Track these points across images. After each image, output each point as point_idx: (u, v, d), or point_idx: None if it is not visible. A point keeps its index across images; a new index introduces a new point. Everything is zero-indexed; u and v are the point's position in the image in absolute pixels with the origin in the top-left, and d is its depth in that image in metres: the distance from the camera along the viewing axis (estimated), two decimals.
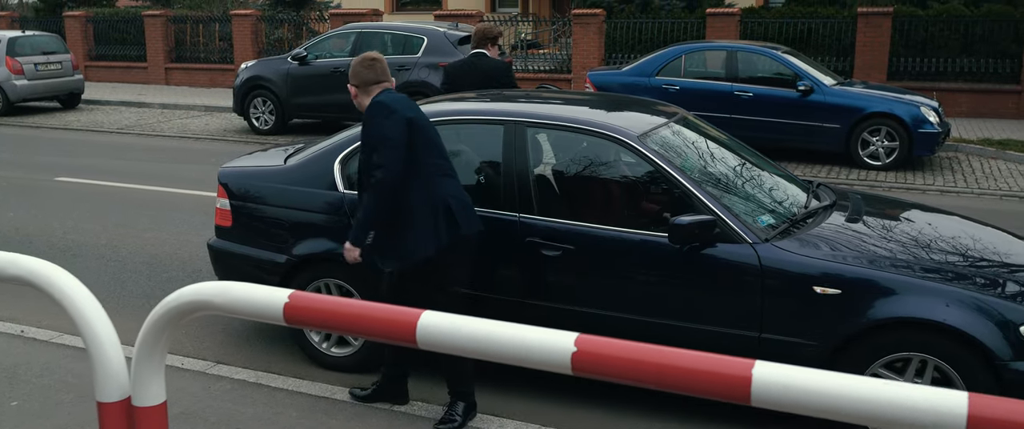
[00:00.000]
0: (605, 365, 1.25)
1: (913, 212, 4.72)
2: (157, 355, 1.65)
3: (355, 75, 3.91)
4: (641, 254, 3.93)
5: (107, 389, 1.66)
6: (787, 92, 10.61)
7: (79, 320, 1.67)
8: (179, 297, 1.61)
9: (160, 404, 1.68)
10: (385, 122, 3.74)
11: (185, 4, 23.84)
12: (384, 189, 3.70)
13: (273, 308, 1.48)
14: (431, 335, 1.36)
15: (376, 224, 3.81)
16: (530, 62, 17.83)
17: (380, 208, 3.75)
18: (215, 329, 5.15)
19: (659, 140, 4.20)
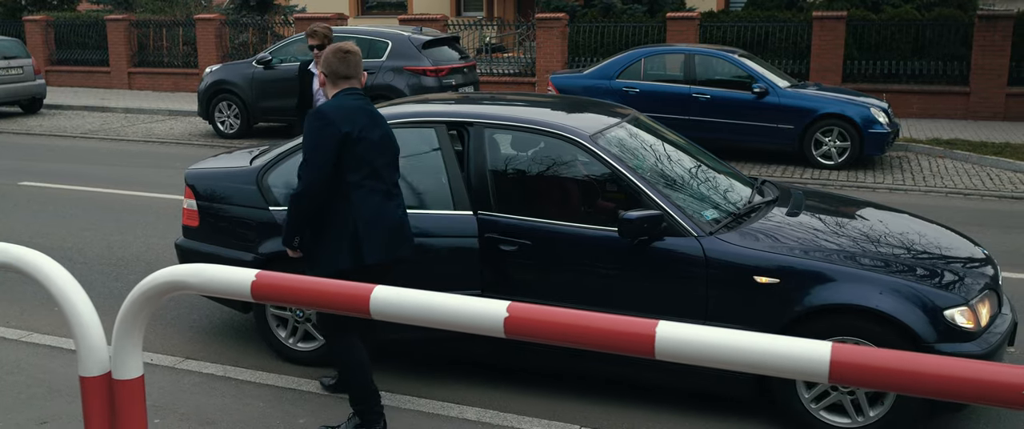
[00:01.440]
0: (533, 328, 1.44)
1: (854, 208, 4.99)
2: (136, 332, 1.81)
3: (326, 64, 3.82)
4: (594, 248, 4.14)
5: (89, 364, 1.82)
6: (743, 94, 10.92)
7: (63, 301, 1.83)
8: (156, 278, 1.77)
9: (138, 377, 1.84)
10: (317, 133, 3.66)
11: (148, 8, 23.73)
12: (298, 200, 3.70)
13: (242, 286, 1.65)
14: (383, 306, 1.54)
15: (300, 230, 3.80)
16: (494, 66, 18.04)
17: (296, 218, 3.75)
18: (184, 326, 5.27)
19: (611, 139, 4.41)
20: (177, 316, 5.44)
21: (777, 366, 1.32)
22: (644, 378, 4.27)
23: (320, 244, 3.77)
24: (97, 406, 1.84)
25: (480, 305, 1.48)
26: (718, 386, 4.12)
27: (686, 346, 1.35)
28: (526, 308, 1.45)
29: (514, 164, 4.61)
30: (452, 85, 12.20)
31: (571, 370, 4.43)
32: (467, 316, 1.48)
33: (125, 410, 1.83)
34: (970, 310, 3.83)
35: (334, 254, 3.70)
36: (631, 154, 4.42)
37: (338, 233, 3.70)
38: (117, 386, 1.83)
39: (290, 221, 3.78)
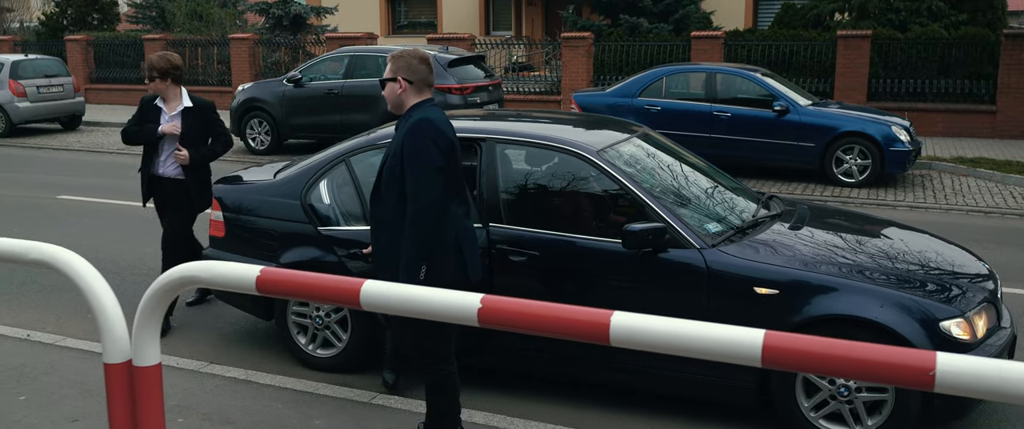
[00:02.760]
0: (504, 317, 1.60)
1: (856, 223, 5.09)
2: (154, 323, 2.00)
3: (412, 70, 3.63)
4: (600, 259, 4.28)
5: (112, 352, 2.01)
6: (764, 112, 11.02)
7: (90, 295, 2.02)
8: (172, 274, 1.96)
9: (156, 365, 2.03)
10: (433, 143, 3.51)
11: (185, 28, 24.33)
12: (426, 220, 3.49)
13: (247, 280, 1.84)
14: (372, 298, 1.71)
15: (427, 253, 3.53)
16: (521, 84, 18.27)
17: (424, 239, 3.49)
18: (209, 333, 5.49)
19: (618, 155, 4.57)
20: (203, 323, 5.67)
21: (718, 351, 1.47)
22: (645, 387, 4.39)
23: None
24: (119, 391, 2.02)
25: (457, 297, 1.65)
26: (719, 395, 4.24)
27: (636, 333, 1.51)
28: (497, 300, 1.61)
29: (524, 178, 4.77)
30: (477, 103, 12.42)
31: (566, 377, 4.56)
32: (445, 305, 1.65)
33: (144, 394, 2.02)
34: (966, 322, 3.91)
35: (439, 271, 3.53)
36: (637, 169, 4.57)
37: (443, 248, 3.57)
38: (137, 372, 2.02)
39: (417, 244, 3.48)
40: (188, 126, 5.52)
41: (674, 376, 4.25)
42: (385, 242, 3.70)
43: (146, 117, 5.57)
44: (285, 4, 21.76)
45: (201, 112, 5.63)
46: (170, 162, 5.57)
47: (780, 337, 1.42)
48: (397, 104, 3.69)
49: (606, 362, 4.34)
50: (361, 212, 4.65)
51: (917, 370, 1.34)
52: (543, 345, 4.43)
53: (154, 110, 5.59)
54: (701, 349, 1.47)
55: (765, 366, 1.44)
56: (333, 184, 4.83)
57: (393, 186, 3.62)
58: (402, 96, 3.66)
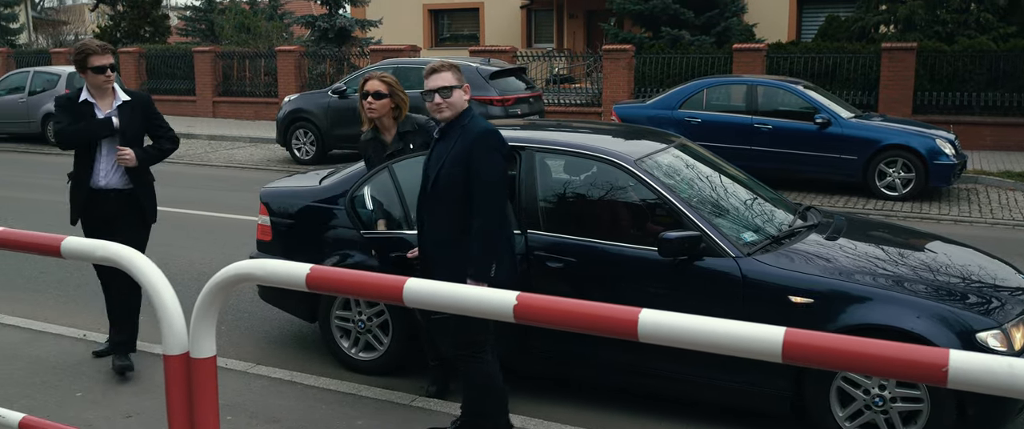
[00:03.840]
0: (537, 314, 1.70)
1: (893, 234, 5.11)
2: (210, 317, 2.13)
3: (468, 78, 4.01)
4: (635, 266, 4.36)
5: (171, 345, 2.15)
6: (805, 125, 10.98)
7: (151, 290, 2.16)
8: (227, 271, 2.09)
9: (211, 357, 2.16)
10: (500, 150, 3.78)
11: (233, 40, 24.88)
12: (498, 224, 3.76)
13: (298, 277, 1.96)
14: (414, 295, 1.82)
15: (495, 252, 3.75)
16: (562, 96, 18.38)
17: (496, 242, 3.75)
18: (256, 335, 5.66)
19: (655, 164, 4.64)
20: (250, 326, 5.84)
21: (741, 346, 1.55)
22: (681, 394, 4.45)
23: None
24: (177, 381, 2.16)
25: (496, 294, 1.75)
26: (754, 403, 4.28)
27: (664, 329, 1.59)
28: (532, 297, 1.71)
29: (562, 186, 4.87)
30: (517, 114, 12.55)
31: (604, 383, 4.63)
32: (484, 302, 1.75)
33: (200, 384, 2.15)
34: (1004, 334, 3.91)
35: (503, 269, 3.78)
36: (674, 178, 4.63)
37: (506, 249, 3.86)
38: (194, 364, 2.15)
39: (489, 247, 3.72)
40: (126, 123, 4.79)
41: (709, 383, 4.30)
42: (441, 244, 3.88)
43: (78, 117, 4.75)
44: (330, 17, 22.15)
45: (141, 107, 4.92)
46: (114, 171, 4.83)
47: (800, 334, 1.50)
48: (457, 112, 3.85)
49: (643, 369, 4.40)
50: (403, 216, 4.78)
51: (931, 366, 1.40)
52: (581, 352, 4.52)
53: (83, 108, 4.76)
54: (725, 344, 1.55)
55: (785, 362, 1.51)
56: (376, 190, 4.97)
57: (452, 191, 3.79)
58: (448, 103, 3.83)
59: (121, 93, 4.82)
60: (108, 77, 4.72)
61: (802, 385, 4.13)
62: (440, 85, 3.81)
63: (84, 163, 4.81)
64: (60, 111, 4.82)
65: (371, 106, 4.71)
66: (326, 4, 22.35)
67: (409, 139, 4.75)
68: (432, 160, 3.93)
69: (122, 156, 4.75)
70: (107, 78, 4.72)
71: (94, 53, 4.70)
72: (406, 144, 4.73)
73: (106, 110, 4.78)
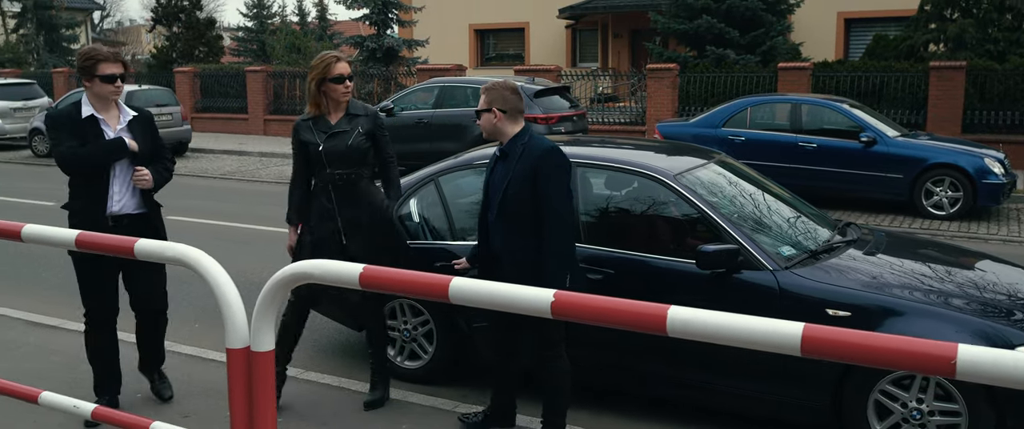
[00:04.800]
0: (573, 310, 1.83)
1: (933, 250, 5.13)
2: (270, 315, 2.29)
3: (504, 100, 4.03)
4: (674, 278, 4.45)
5: (234, 339, 2.31)
6: (850, 143, 10.95)
7: (216, 288, 2.34)
8: (287, 271, 2.25)
9: (270, 351, 2.32)
10: (565, 176, 3.99)
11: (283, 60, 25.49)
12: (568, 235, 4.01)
13: (352, 276, 2.11)
14: (459, 293, 1.96)
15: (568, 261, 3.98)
16: (607, 115, 18.50)
17: (568, 253, 3.99)
18: (306, 343, 5.84)
19: (694, 179, 4.74)
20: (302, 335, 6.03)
21: (763, 341, 1.66)
22: (720, 404, 4.52)
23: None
24: (239, 372, 2.32)
25: (533, 292, 1.89)
26: (792, 414, 4.33)
27: (692, 325, 1.71)
28: (568, 295, 1.84)
29: (603, 200, 4.99)
30: (561, 132, 12.70)
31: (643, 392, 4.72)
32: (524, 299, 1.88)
33: (260, 376, 2.31)
34: None
35: (575, 279, 4.03)
36: (713, 193, 4.73)
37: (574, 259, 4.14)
38: (254, 357, 2.31)
39: (563, 259, 3.94)
40: (139, 141, 4.34)
41: (748, 395, 4.36)
42: (519, 263, 4.00)
43: (81, 136, 4.19)
44: (378, 37, 22.60)
45: (147, 123, 4.45)
46: (129, 193, 4.31)
47: (817, 329, 1.60)
48: (493, 132, 4.10)
49: (685, 381, 4.49)
50: (447, 228, 4.94)
51: (940, 358, 1.50)
52: (627, 364, 4.62)
53: (88, 125, 4.20)
54: (747, 338, 1.66)
55: (805, 355, 1.62)
56: (422, 202, 5.15)
57: (522, 209, 3.98)
58: (498, 125, 4.07)
59: (127, 109, 4.35)
60: (117, 88, 4.20)
61: (840, 398, 4.17)
62: (476, 108, 4.18)
63: (95, 188, 4.21)
64: (58, 130, 4.20)
65: (347, 90, 4.52)
66: (374, 25, 22.83)
67: (358, 122, 4.56)
68: (495, 179, 4.14)
69: (140, 177, 4.25)
70: (116, 89, 4.20)
71: (105, 59, 4.16)
72: (354, 128, 4.54)
73: (114, 126, 4.25)
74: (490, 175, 4.19)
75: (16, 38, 34.10)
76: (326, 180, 4.57)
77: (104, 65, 4.15)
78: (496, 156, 4.18)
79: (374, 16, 22.84)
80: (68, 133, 4.18)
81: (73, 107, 4.22)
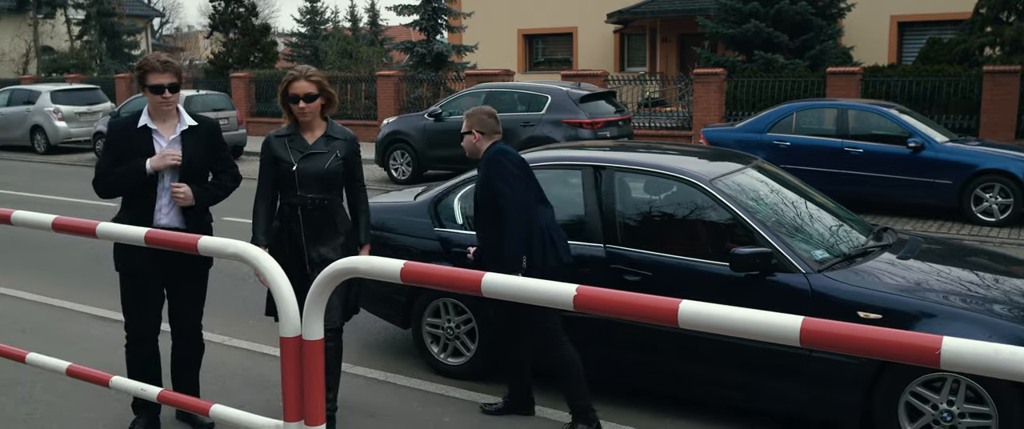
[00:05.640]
0: (594, 304, 1.99)
1: (971, 255, 5.16)
2: (319, 306, 2.50)
3: (482, 123, 4.53)
4: (708, 280, 4.58)
5: (287, 328, 2.53)
6: (898, 149, 10.88)
7: (272, 284, 2.55)
8: (335, 266, 2.46)
9: (320, 339, 2.53)
10: (506, 170, 4.39)
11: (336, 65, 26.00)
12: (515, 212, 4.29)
13: (394, 271, 2.31)
14: (491, 286, 2.14)
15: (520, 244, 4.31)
16: (654, 120, 18.55)
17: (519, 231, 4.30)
18: (355, 339, 6.10)
19: (730, 183, 4.86)
20: (350, 331, 6.25)
21: (766, 333, 1.81)
22: (750, 404, 4.63)
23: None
24: (291, 359, 2.53)
25: (558, 287, 2.06)
26: (823, 414, 4.43)
27: (703, 317, 1.87)
28: (590, 290, 2.01)
29: (640, 204, 5.14)
30: (606, 137, 12.82)
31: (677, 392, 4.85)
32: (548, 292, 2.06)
33: (309, 362, 2.52)
34: None
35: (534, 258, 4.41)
36: (748, 197, 4.84)
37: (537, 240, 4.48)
38: (305, 345, 2.52)
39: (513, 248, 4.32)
40: (190, 153, 4.14)
41: (782, 396, 4.47)
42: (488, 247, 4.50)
43: (129, 148, 4.09)
44: (428, 43, 22.96)
45: (207, 134, 4.27)
46: (171, 210, 4.16)
47: (815, 322, 1.75)
48: (474, 151, 4.59)
49: (720, 381, 4.61)
50: None
51: (926, 349, 1.64)
52: (656, 363, 4.76)
53: (141, 135, 4.12)
54: (752, 330, 1.81)
55: (804, 346, 1.77)
56: (465, 201, 5.37)
57: (487, 208, 4.46)
58: (477, 144, 4.57)
59: (187, 117, 4.20)
60: (165, 98, 4.05)
61: (872, 399, 4.26)
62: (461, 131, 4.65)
63: (142, 200, 4.09)
64: (109, 146, 4.16)
65: (304, 110, 4.23)
66: (424, 31, 23.19)
67: (336, 146, 4.36)
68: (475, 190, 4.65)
69: (177, 193, 4.05)
70: (164, 100, 4.05)
71: (152, 70, 4.04)
72: (332, 150, 4.33)
73: (169, 136, 4.13)
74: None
75: (80, 45, 35.31)
76: (296, 203, 4.28)
77: (152, 75, 4.04)
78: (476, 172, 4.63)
79: (424, 22, 23.21)
80: (119, 146, 4.12)
81: (132, 117, 4.18)
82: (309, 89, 4.23)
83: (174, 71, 4.10)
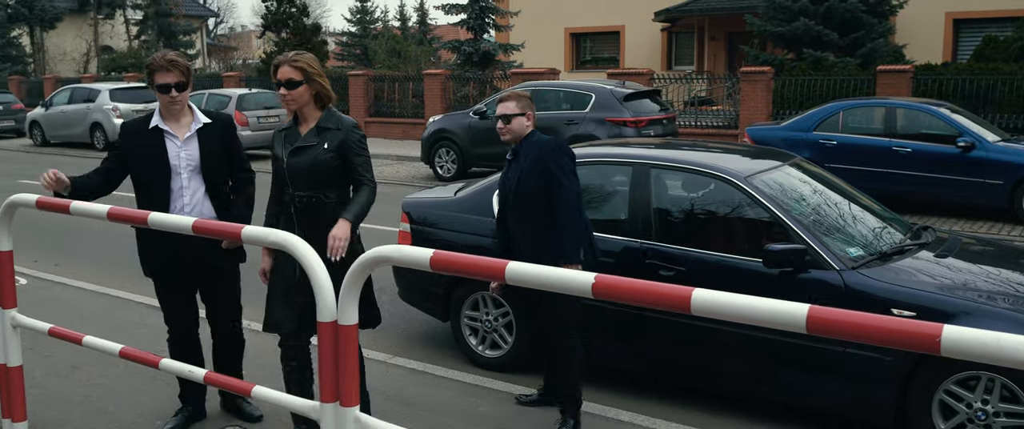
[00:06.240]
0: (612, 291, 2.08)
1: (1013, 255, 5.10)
2: (354, 292, 2.62)
3: (532, 107, 4.48)
4: (742, 276, 4.62)
5: (323, 313, 2.66)
6: (947, 148, 10.72)
7: (310, 271, 2.68)
8: (369, 254, 2.57)
9: (354, 325, 2.65)
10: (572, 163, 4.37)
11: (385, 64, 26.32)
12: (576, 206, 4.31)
13: (423, 259, 2.42)
14: (515, 274, 2.24)
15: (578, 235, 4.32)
16: (700, 118, 18.46)
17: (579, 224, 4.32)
18: (395, 332, 6.25)
19: (766, 180, 4.89)
20: (391, 324, 6.44)
21: (773, 319, 1.88)
22: (786, 400, 4.65)
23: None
24: (328, 342, 2.66)
25: (577, 275, 2.15)
26: (857, 412, 4.44)
27: (714, 304, 1.94)
28: (607, 278, 2.10)
29: (675, 200, 5.19)
30: (650, 135, 12.83)
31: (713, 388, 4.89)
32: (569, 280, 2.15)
33: (345, 346, 2.65)
34: None
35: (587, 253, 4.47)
36: (784, 194, 4.86)
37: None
38: (341, 329, 2.65)
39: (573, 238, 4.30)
40: (206, 151, 4.12)
41: (815, 390, 4.49)
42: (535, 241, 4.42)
43: (143, 150, 4.05)
44: (475, 42, 23.12)
45: (221, 130, 4.22)
46: (199, 203, 4.14)
47: (822, 310, 1.82)
48: (520, 134, 4.47)
49: (759, 378, 4.64)
50: None
51: (926, 336, 1.69)
52: (692, 358, 4.81)
53: (154, 136, 4.06)
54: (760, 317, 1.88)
55: (810, 332, 1.83)
56: None
57: (536, 197, 4.35)
58: (528, 126, 4.47)
59: (200, 115, 4.15)
60: (173, 98, 3.99)
61: (906, 397, 4.26)
62: (502, 112, 4.47)
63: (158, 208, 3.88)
64: (116, 146, 4.18)
65: (285, 97, 3.92)
66: (471, 29, 23.37)
67: (326, 137, 3.97)
68: (508, 177, 4.54)
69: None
70: (172, 99, 3.99)
71: (159, 69, 3.97)
72: (321, 141, 3.96)
73: (181, 135, 4.08)
74: (504, 176, 4.61)
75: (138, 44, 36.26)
76: (288, 202, 4.01)
77: (158, 74, 3.97)
78: (509, 158, 4.56)
79: (471, 21, 23.39)
80: (128, 145, 4.10)
81: (145, 118, 4.11)
82: (291, 74, 3.87)
83: (180, 70, 4.01)
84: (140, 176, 4.12)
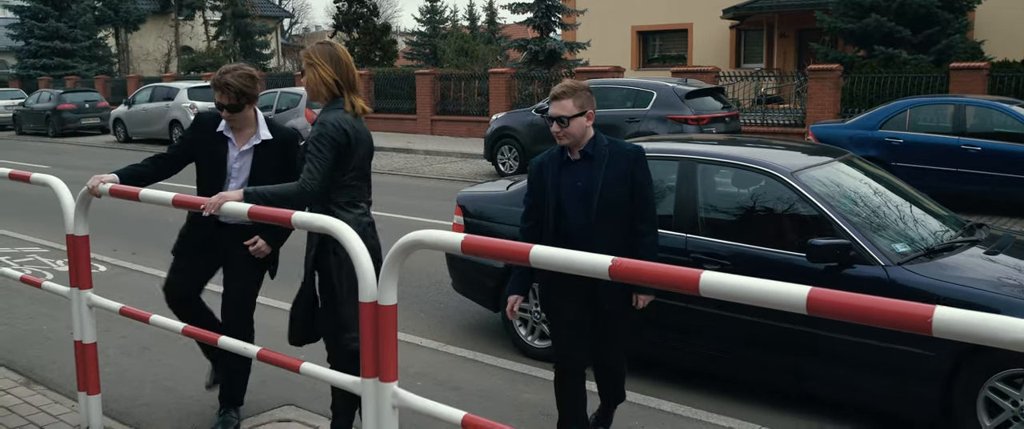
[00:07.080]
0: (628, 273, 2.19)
1: None
2: (393, 274, 2.78)
3: (588, 100, 3.76)
4: (786, 270, 4.63)
5: (365, 294, 2.83)
6: (1019, 147, 10.43)
7: (353, 255, 2.86)
8: (406, 239, 2.73)
9: (393, 305, 2.82)
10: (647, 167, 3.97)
11: (453, 63, 26.68)
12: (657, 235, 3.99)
13: (455, 243, 2.57)
14: (537, 257, 2.37)
15: None
16: (767, 116, 18.26)
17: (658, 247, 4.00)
18: (448, 320, 6.44)
19: (812, 176, 4.91)
20: (445, 314, 6.63)
21: (775, 300, 1.97)
22: (831, 395, 4.67)
23: None
24: (369, 321, 2.83)
25: (594, 258, 2.27)
26: (901, 407, 4.43)
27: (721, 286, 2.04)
28: (623, 261, 2.21)
29: (722, 195, 5.23)
30: (712, 132, 12.77)
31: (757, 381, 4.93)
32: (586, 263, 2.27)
33: (384, 326, 2.81)
34: None
35: None
36: (831, 190, 4.86)
37: None
38: (380, 310, 2.82)
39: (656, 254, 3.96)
40: (257, 168, 4.11)
41: (859, 386, 4.50)
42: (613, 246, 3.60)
43: (206, 147, 4.12)
44: (541, 40, 23.26)
45: (280, 145, 4.15)
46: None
47: (822, 293, 1.90)
48: (582, 136, 3.78)
49: (802, 373, 4.67)
50: None
51: (919, 317, 1.77)
52: (737, 352, 4.86)
53: (218, 140, 4.11)
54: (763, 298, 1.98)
55: (810, 314, 1.92)
56: None
57: (620, 208, 3.85)
58: (589, 127, 3.81)
59: (264, 131, 4.11)
60: (226, 116, 4.04)
61: (950, 393, 4.24)
62: (558, 114, 3.75)
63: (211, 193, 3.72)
64: (184, 135, 4.23)
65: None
66: (538, 28, 23.52)
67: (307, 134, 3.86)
68: (576, 183, 3.84)
69: (256, 250, 4.06)
70: (224, 118, 4.05)
71: (215, 86, 3.98)
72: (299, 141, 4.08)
73: (241, 146, 4.10)
74: (559, 179, 3.86)
75: (216, 44, 37.45)
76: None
77: (215, 92, 4.00)
78: (569, 159, 3.86)
79: (537, 20, 23.54)
80: (196, 138, 4.16)
81: (218, 115, 4.11)
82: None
83: (232, 92, 3.93)
84: (201, 171, 4.21)
